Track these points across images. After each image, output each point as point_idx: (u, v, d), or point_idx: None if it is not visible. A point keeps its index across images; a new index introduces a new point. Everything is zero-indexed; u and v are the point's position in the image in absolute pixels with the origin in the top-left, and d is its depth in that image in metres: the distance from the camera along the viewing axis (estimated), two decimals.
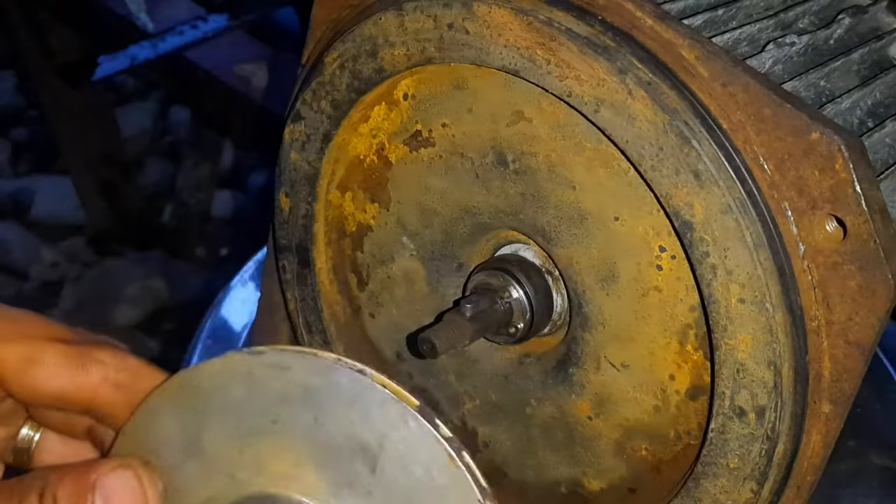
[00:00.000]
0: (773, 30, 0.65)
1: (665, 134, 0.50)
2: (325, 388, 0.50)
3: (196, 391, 0.53)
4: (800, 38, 0.64)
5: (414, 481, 0.49)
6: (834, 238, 0.48)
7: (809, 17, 0.70)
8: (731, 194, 0.49)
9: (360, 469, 0.50)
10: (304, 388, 0.50)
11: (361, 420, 0.49)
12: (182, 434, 0.53)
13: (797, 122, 0.47)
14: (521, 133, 0.58)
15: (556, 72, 0.53)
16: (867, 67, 0.67)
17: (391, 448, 0.49)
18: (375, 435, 0.49)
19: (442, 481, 0.48)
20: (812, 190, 0.48)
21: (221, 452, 0.53)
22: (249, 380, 0.51)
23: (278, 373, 0.51)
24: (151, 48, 1.84)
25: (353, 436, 0.49)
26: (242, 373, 0.51)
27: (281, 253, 0.71)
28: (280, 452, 0.51)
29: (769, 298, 0.49)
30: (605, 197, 0.56)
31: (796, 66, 0.63)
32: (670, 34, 0.50)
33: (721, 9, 0.64)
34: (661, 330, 0.56)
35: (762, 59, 0.61)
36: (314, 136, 0.66)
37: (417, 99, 0.62)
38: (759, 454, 0.52)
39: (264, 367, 0.51)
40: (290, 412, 0.51)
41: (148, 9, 1.93)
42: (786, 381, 0.50)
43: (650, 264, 0.55)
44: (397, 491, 0.49)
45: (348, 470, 0.50)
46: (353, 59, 0.61)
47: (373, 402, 0.49)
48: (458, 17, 0.55)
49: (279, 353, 0.51)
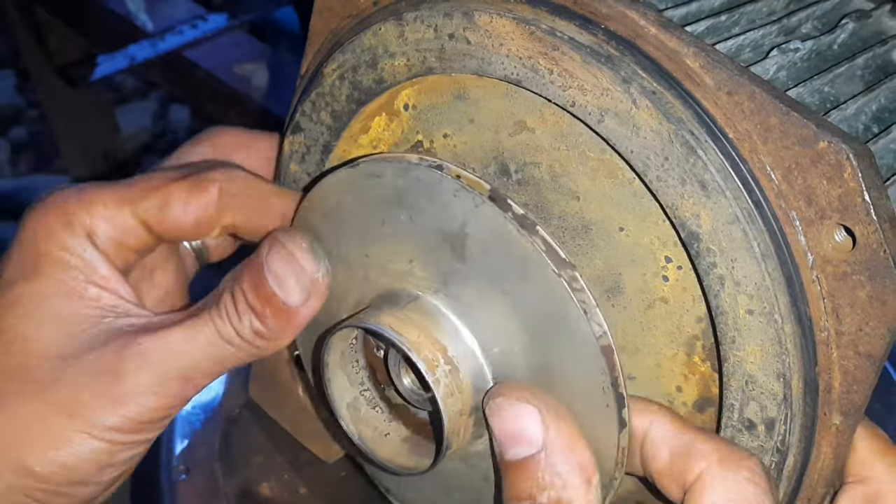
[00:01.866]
0: (776, 35, 0.65)
1: (670, 143, 0.49)
2: (411, 188, 0.55)
3: (321, 208, 0.60)
4: (804, 43, 0.63)
5: (497, 261, 0.54)
6: (843, 248, 0.47)
7: (812, 22, 0.69)
8: (738, 204, 0.48)
9: (452, 258, 0.55)
10: (394, 191, 0.56)
11: (442, 212, 0.55)
12: (325, 246, 0.60)
13: (804, 131, 0.47)
14: (524, 143, 0.57)
15: (559, 81, 0.52)
16: (871, 72, 0.66)
17: (472, 233, 0.54)
18: (457, 224, 0.54)
19: (519, 257, 0.52)
20: (820, 199, 0.47)
21: (355, 257, 0.60)
22: (355, 189, 0.58)
23: (374, 180, 0.57)
24: (151, 47, 1.84)
25: (440, 228, 0.55)
26: (349, 184, 0.58)
27: None
28: (394, 252, 0.58)
29: (778, 309, 0.49)
30: (610, 207, 0.55)
31: (800, 72, 0.62)
32: (675, 42, 0.50)
33: (724, 15, 0.63)
34: (667, 341, 0.55)
35: (766, 65, 0.60)
36: (314, 147, 0.65)
37: (418, 109, 0.61)
38: (769, 467, 0.52)
39: (363, 177, 0.57)
40: (391, 214, 0.57)
41: (147, 8, 1.92)
42: (795, 392, 0.50)
43: (656, 275, 0.55)
44: (487, 272, 0.54)
45: (444, 261, 0.56)
46: (353, 70, 0.60)
47: (448, 194, 0.54)
48: (459, 27, 0.55)
49: (370, 163, 0.57)
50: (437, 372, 0.55)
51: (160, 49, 1.83)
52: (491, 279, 0.54)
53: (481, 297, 0.55)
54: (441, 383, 0.55)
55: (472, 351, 0.56)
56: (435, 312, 0.57)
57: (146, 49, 1.84)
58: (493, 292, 0.55)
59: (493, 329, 0.56)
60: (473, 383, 0.56)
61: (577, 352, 0.52)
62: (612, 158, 0.53)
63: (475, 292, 0.55)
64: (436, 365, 0.55)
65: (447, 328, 0.57)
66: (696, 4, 0.64)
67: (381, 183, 0.57)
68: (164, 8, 1.96)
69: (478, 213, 0.53)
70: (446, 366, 0.55)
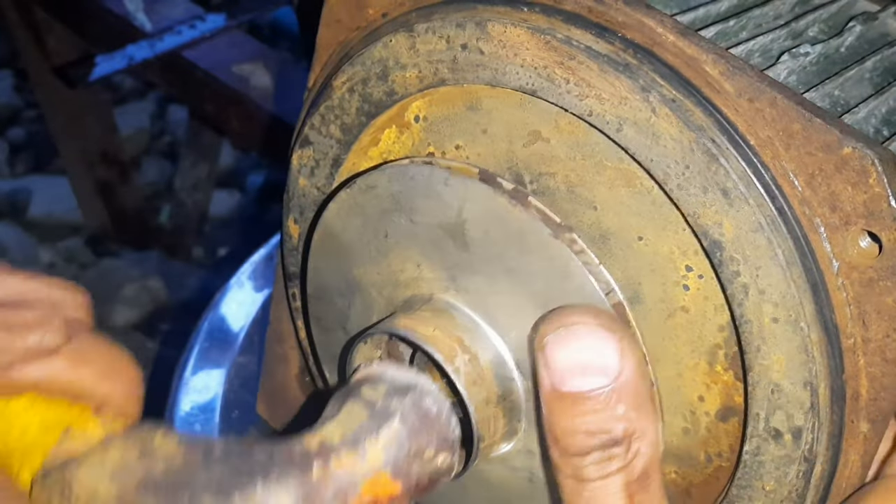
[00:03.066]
0: (784, 39, 0.64)
1: (691, 152, 0.49)
2: (405, 190, 0.57)
3: (331, 237, 0.62)
4: (813, 47, 0.63)
5: (497, 238, 0.54)
6: (869, 254, 0.47)
7: (819, 26, 0.69)
8: (761, 212, 0.48)
9: (456, 249, 0.56)
10: (391, 198, 0.58)
11: (438, 204, 0.56)
12: (340, 278, 0.62)
13: (828, 137, 0.46)
14: (539, 153, 0.56)
15: (575, 91, 0.51)
16: (879, 75, 0.66)
17: (469, 217, 0.55)
18: (454, 212, 0.55)
19: (516, 229, 0.53)
20: (845, 205, 0.47)
21: (368, 279, 0.61)
22: (357, 208, 0.59)
23: (370, 193, 0.58)
24: (149, 47, 1.84)
25: (439, 222, 0.56)
26: (351, 205, 0.60)
27: (290, 280, 0.70)
28: (402, 261, 0.59)
29: (803, 317, 0.48)
30: (628, 216, 0.54)
31: (810, 76, 0.62)
32: (693, 50, 0.49)
33: (732, 20, 0.63)
34: (688, 350, 0.55)
35: (777, 70, 0.60)
36: (323, 161, 0.64)
37: (429, 121, 0.60)
38: (796, 476, 0.51)
39: (360, 193, 0.59)
40: (392, 223, 0.58)
41: (146, 8, 1.92)
42: (822, 400, 0.49)
43: (676, 284, 0.54)
44: (489, 254, 0.55)
45: (448, 254, 0.57)
46: (363, 83, 0.60)
47: (440, 184, 0.55)
48: (472, 37, 0.54)
49: (364, 177, 0.58)
50: (455, 362, 0.55)
51: (158, 49, 1.83)
52: (494, 260, 0.55)
53: (489, 283, 0.56)
54: (461, 372, 0.55)
55: (489, 338, 0.56)
56: (448, 308, 0.58)
57: (144, 49, 1.84)
58: (499, 273, 0.55)
59: (506, 312, 0.56)
60: (496, 371, 0.56)
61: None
62: (630, 167, 0.53)
63: (483, 279, 0.56)
64: (453, 355, 0.55)
65: (461, 321, 0.57)
66: (703, 10, 0.63)
67: (377, 193, 0.58)
68: (162, 8, 1.96)
69: (470, 195, 0.54)
70: (464, 355, 0.55)
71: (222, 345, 1.19)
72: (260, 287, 1.30)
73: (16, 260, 2.99)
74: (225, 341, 1.20)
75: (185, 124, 3.21)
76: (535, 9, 0.53)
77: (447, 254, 0.57)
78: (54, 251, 3.05)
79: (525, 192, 0.53)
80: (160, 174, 3.31)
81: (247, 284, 1.29)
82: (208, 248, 3.11)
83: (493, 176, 0.54)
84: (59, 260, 3.03)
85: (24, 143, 3.49)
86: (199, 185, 3.06)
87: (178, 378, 1.15)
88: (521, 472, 0.60)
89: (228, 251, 3.09)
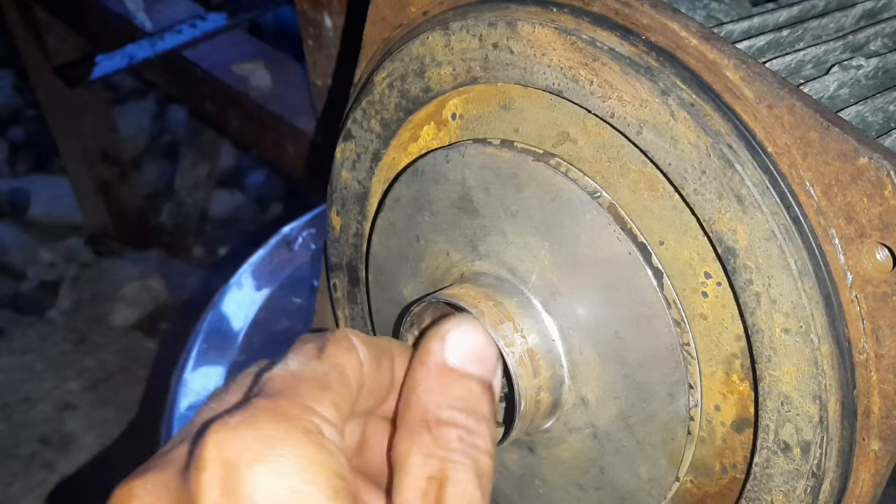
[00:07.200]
0: (840, 52, 0.63)
1: (708, 157, 0.48)
2: (420, 187, 0.61)
3: (378, 269, 0.67)
4: (868, 60, 0.61)
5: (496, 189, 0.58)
6: (883, 268, 0.46)
7: (882, 39, 0.67)
8: (775, 220, 0.47)
9: (470, 220, 0.60)
10: (412, 200, 0.63)
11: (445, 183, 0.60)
12: (395, 305, 0.66)
13: (845, 147, 0.45)
14: (567, 154, 0.57)
15: (598, 92, 0.52)
16: None
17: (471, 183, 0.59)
18: (459, 184, 0.59)
19: (508, 172, 0.57)
20: (860, 217, 0.46)
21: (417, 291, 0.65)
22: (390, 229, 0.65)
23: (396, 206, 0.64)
24: (150, 47, 1.83)
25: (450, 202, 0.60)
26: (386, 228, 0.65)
27: (332, 271, 0.72)
28: (434, 257, 0.63)
29: (814, 329, 0.47)
30: (651, 221, 0.54)
31: (864, 89, 0.61)
32: (715, 54, 0.49)
33: (786, 30, 0.62)
34: (706, 359, 0.54)
35: (826, 81, 0.59)
36: (364, 154, 0.66)
37: (465, 118, 0.61)
38: (804, 491, 0.50)
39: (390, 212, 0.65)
40: (418, 225, 0.63)
41: (146, 7, 1.92)
42: (832, 415, 0.48)
43: (695, 291, 0.54)
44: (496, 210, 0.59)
45: (465, 228, 0.61)
46: (402, 79, 0.61)
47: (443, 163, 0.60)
48: (503, 36, 0.55)
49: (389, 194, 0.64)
50: (480, 305, 0.57)
51: (159, 48, 1.81)
52: (500, 212, 0.58)
53: (501, 237, 0.59)
54: (486, 314, 0.56)
55: (513, 285, 0.59)
56: (475, 276, 0.61)
57: (145, 48, 1.83)
58: (506, 224, 0.58)
59: (522, 259, 0.58)
60: (521, 311, 0.58)
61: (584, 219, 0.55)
62: (653, 171, 0.53)
63: (496, 237, 0.59)
64: (478, 301, 0.57)
65: (487, 281, 0.60)
66: (758, 19, 0.63)
67: (401, 203, 0.63)
68: (162, 7, 1.95)
69: (466, 160, 0.59)
70: (488, 301, 0.57)
71: (222, 345, 1.21)
72: (259, 287, 1.31)
73: (16, 260, 3.02)
74: (224, 341, 1.21)
75: (186, 124, 3.22)
76: (564, 10, 0.53)
77: (465, 229, 0.60)
78: (54, 251, 3.06)
79: (511, 140, 0.57)
80: (160, 174, 3.30)
81: (246, 285, 1.30)
82: (208, 247, 3.10)
83: (483, 138, 0.57)
84: (59, 260, 3.04)
85: (24, 142, 3.51)
86: (200, 185, 3.07)
87: (177, 378, 1.16)
88: (584, 431, 0.60)
89: (229, 250, 3.08)
